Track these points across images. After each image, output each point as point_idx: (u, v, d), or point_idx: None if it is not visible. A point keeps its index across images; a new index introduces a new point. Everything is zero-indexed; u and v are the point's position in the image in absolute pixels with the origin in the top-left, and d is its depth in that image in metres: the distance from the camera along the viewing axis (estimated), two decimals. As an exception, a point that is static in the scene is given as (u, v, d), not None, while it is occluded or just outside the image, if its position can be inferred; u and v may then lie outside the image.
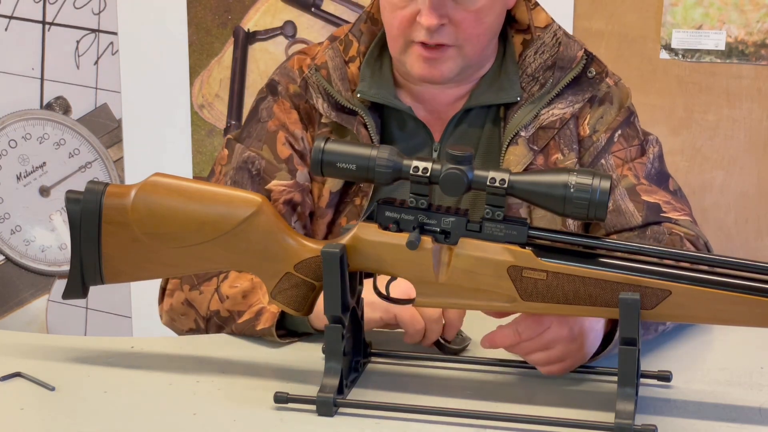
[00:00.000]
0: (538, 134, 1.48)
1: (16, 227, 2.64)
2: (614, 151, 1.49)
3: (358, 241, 1.17)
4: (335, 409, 1.15)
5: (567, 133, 1.49)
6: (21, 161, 2.62)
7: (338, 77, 1.49)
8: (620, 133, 1.50)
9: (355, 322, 1.22)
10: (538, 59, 1.49)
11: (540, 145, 1.47)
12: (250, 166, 1.49)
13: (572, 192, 1.10)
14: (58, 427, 1.15)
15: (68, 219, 1.22)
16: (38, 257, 2.65)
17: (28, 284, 2.66)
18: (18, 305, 2.67)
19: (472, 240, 1.15)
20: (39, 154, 2.62)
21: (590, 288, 1.12)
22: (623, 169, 1.48)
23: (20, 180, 2.62)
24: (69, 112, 2.60)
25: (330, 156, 1.16)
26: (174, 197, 1.20)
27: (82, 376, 1.25)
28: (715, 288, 1.11)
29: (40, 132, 2.61)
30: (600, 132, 1.49)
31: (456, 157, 1.13)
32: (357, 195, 1.48)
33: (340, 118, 1.48)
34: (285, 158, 1.49)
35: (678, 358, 1.31)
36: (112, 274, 1.23)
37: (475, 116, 1.51)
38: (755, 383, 1.25)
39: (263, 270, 1.21)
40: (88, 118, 2.60)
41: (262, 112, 1.53)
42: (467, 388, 1.23)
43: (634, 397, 1.12)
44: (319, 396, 1.15)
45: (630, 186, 1.47)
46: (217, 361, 1.29)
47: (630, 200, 1.45)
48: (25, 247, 2.65)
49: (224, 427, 1.14)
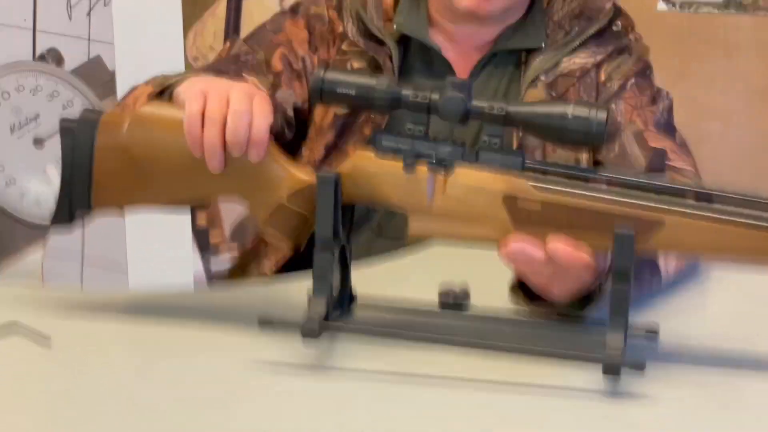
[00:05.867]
0: (558, 81, 1.50)
1: (11, 179, 2.63)
2: (626, 97, 1.51)
3: (353, 169, 1.17)
4: (319, 332, 1.13)
5: (588, 81, 1.51)
6: (15, 113, 2.60)
7: (373, 5, 1.52)
8: (634, 82, 1.52)
9: (343, 260, 1.21)
10: (566, 7, 1.52)
11: (559, 92, 1.49)
12: (242, 57, 1.51)
13: (570, 120, 1.10)
14: (53, 377, 1.15)
15: (61, 145, 1.21)
16: (33, 210, 2.64)
17: (23, 236, 2.66)
18: (13, 257, 2.67)
19: (467, 169, 1.14)
20: (32, 105, 2.60)
21: (584, 219, 1.12)
22: (632, 115, 1.50)
23: (14, 132, 2.61)
24: (62, 63, 2.58)
25: (330, 84, 1.15)
26: (168, 125, 1.19)
27: (78, 328, 1.25)
28: (710, 221, 1.10)
29: (33, 84, 2.59)
30: (614, 80, 1.52)
31: (455, 84, 1.13)
32: (366, 123, 1.49)
33: (367, 47, 1.51)
34: (275, 71, 1.51)
35: (668, 308, 1.31)
36: (102, 199, 1.22)
37: (499, 61, 1.54)
38: (748, 331, 1.25)
39: (256, 199, 1.20)
40: (81, 69, 2.58)
41: (273, 23, 1.56)
42: (461, 334, 1.22)
43: (624, 332, 1.11)
44: (304, 321, 1.13)
45: (638, 131, 1.48)
46: (213, 312, 1.29)
47: (636, 145, 1.47)
48: (20, 199, 2.64)
49: (219, 384, 1.13)
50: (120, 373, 1.16)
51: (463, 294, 1.30)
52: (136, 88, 1.38)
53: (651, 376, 1.11)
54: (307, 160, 1.55)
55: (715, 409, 1.09)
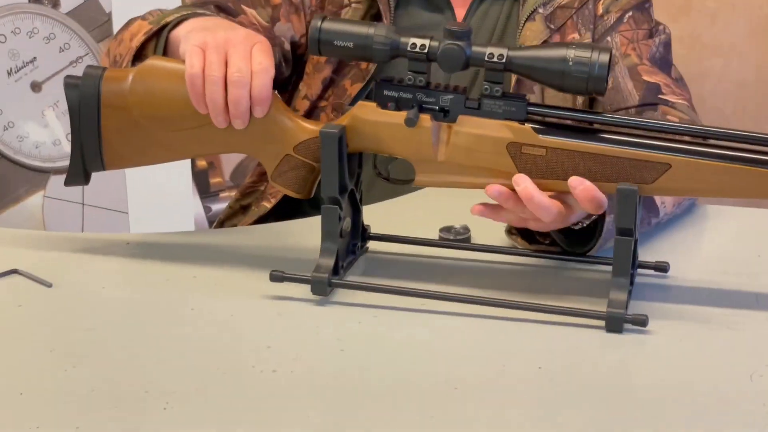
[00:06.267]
0: (556, 13, 1.49)
1: (9, 123, 2.62)
2: (621, 30, 1.50)
3: (356, 121, 1.17)
4: (330, 289, 1.16)
5: (585, 12, 1.49)
6: (11, 56, 2.58)
7: None
8: (631, 15, 1.51)
9: (354, 204, 1.22)
10: None
11: (557, 24, 1.48)
12: None
13: (571, 66, 1.09)
14: (55, 322, 1.15)
15: (67, 105, 1.21)
16: (32, 153, 2.64)
17: (23, 181, 2.65)
18: (13, 202, 2.66)
19: (470, 117, 1.14)
20: (29, 48, 2.58)
21: (589, 163, 1.11)
22: (627, 48, 1.48)
23: (11, 75, 2.59)
24: (58, 5, 2.56)
25: (327, 35, 1.14)
26: (171, 80, 1.19)
27: (80, 273, 1.25)
28: (715, 160, 1.10)
29: (29, 26, 2.57)
30: (612, 12, 1.50)
31: (454, 33, 1.12)
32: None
33: None
34: (274, 4, 1.50)
35: (674, 248, 1.31)
36: (113, 159, 1.23)
37: None
38: (752, 271, 1.26)
39: (262, 152, 1.21)
40: (78, 11, 2.56)
41: None
42: (465, 275, 1.23)
43: (628, 287, 1.12)
44: (313, 275, 1.16)
45: (632, 65, 1.47)
46: (214, 255, 1.29)
47: (630, 79, 1.46)
48: (18, 143, 2.63)
49: (222, 321, 1.14)
50: (120, 311, 1.16)
51: (464, 230, 1.30)
52: (133, 23, 1.36)
53: (655, 312, 1.12)
54: (304, 94, 1.54)
55: (715, 340, 1.10)
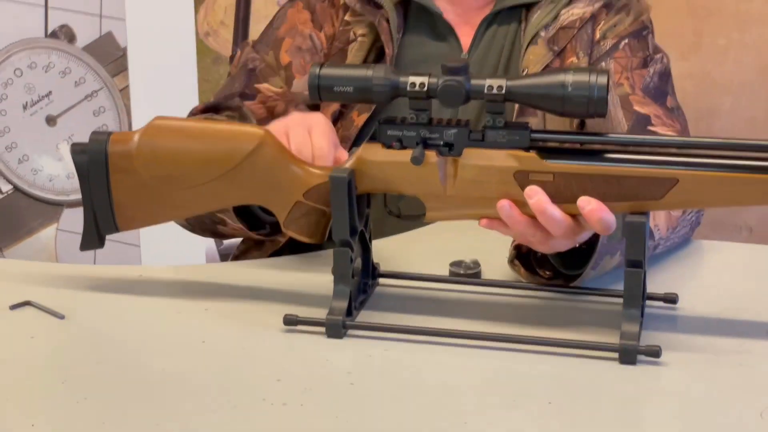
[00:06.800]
0: (559, 35, 1.50)
1: (24, 156, 2.64)
2: (617, 56, 1.50)
3: (363, 163, 1.18)
4: (344, 331, 1.17)
5: (584, 36, 1.50)
6: (27, 90, 2.61)
7: None
8: (627, 42, 1.51)
9: (364, 244, 1.23)
10: None
11: (561, 45, 1.49)
12: (250, 65, 1.54)
13: (570, 91, 1.10)
14: (67, 355, 1.16)
15: (76, 171, 1.23)
16: (46, 186, 2.65)
17: (37, 213, 2.67)
18: (27, 234, 2.68)
19: (476, 149, 1.15)
20: (45, 83, 2.60)
21: (598, 184, 1.12)
22: (621, 77, 1.49)
23: (26, 109, 2.61)
24: (74, 40, 2.58)
25: (326, 80, 1.16)
26: (177, 138, 1.21)
27: (92, 305, 1.26)
28: (721, 171, 1.11)
29: (45, 61, 2.59)
30: (608, 38, 1.51)
31: (452, 69, 1.13)
32: None
33: (364, 10, 1.51)
34: (285, 64, 1.53)
35: (683, 280, 1.31)
36: (126, 221, 1.24)
37: (502, 19, 1.54)
38: (762, 302, 1.26)
39: (273, 201, 1.21)
40: (93, 46, 2.58)
41: (277, 20, 1.58)
42: (476, 310, 1.24)
43: (639, 318, 1.13)
44: (328, 318, 1.17)
45: (624, 95, 1.48)
46: (226, 288, 1.30)
47: (620, 108, 1.46)
48: (33, 176, 2.65)
49: (233, 354, 1.14)
50: (132, 343, 1.17)
51: (474, 264, 1.31)
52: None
53: (666, 344, 1.12)
54: None
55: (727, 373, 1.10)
